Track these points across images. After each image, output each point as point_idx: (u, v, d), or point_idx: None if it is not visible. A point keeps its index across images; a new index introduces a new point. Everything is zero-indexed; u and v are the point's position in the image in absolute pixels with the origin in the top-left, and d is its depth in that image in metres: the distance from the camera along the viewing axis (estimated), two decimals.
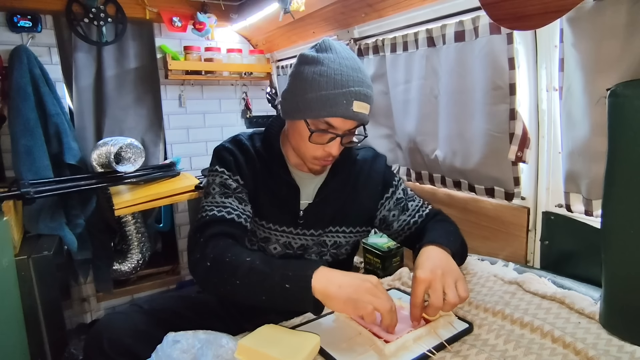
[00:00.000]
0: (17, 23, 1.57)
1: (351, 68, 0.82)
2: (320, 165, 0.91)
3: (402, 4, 1.20)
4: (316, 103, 0.81)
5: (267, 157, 0.96)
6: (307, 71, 0.83)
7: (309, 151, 0.88)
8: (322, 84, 0.81)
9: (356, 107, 0.81)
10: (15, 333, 1.15)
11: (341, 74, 0.81)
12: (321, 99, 0.80)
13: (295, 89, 0.85)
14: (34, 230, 1.45)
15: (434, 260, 0.75)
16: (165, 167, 1.79)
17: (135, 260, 1.81)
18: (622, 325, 0.66)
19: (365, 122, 0.86)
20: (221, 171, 0.91)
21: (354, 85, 0.81)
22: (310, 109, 0.82)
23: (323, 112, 0.81)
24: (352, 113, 0.81)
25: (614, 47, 0.70)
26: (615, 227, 0.65)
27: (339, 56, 0.83)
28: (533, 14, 0.71)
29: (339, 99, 0.80)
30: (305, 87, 0.83)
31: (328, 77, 0.80)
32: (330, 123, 0.83)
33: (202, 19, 1.85)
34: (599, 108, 0.73)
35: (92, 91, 1.81)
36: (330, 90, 0.80)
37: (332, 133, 0.84)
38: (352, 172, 0.98)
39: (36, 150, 1.47)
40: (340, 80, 0.80)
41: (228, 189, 0.90)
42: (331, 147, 0.86)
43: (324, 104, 0.80)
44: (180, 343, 0.64)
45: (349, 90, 0.80)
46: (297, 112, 0.85)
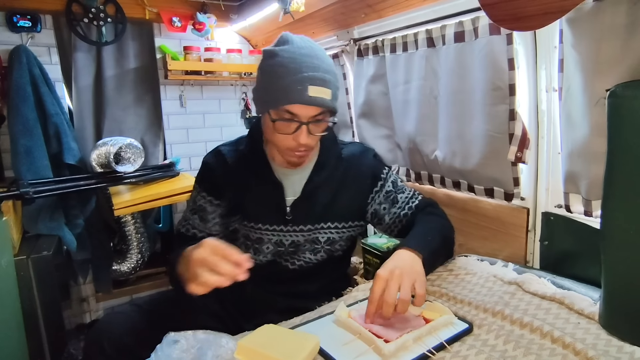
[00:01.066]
0: (16, 23, 1.57)
1: (306, 55, 0.84)
2: (296, 156, 0.92)
3: (402, 5, 1.20)
4: (274, 93, 0.84)
5: (252, 158, 0.98)
6: (265, 65, 0.87)
7: (281, 143, 0.90)
8: (278, 74, 0.83)
9: (312, 92, 0.82)
10: (15, 333, 1.15)
11: (294, 62, 0.83)
12: (278, 88, 0.83)
13: (258, 84, 0.90)
14: (33, 230, 1.44)
15: (396, 261, 0.79)
16: (165, 167, 1.79)
17: (135, 260, 1.80)
18: (622, 326, 0.66)
19: (328, 107, 0.87)
20: (196, 187, 1.01)
21: (308, 71, 0.82)
22: (270, 100, 0.85)
23: (281, 101, 0.83)
24: (307, 98, 0.82)
25: (614, 47, 0.70)
26: (614, 228, 0.65)
27: (294, 46, 0.85)
28: (533, 14, 0.71)
29: (294, 86, 0.82)
30: (265, 81, 0.87)
31: (283, 67, 0.83)
32: (291, 111, 0.84)
33: (202, 19, 1.85)
34: (599, 109, 0.74)
35: (91, 91, 1.81)
36: (285, 78, 0.82)
37: (295, 121, 0.86)
38: (338, 167, 0.99)
39: (35, 150, 1.47)
40: (294, 68, 0.82)
41: (196, 206, 0.99)
42: (299, 136, 0.86)
43: (281, 93, 0.83)
44: (180, 343, 0.64)
45: (303, 76, 0.82)
46: (262, 105, 0.89)
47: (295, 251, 0.98)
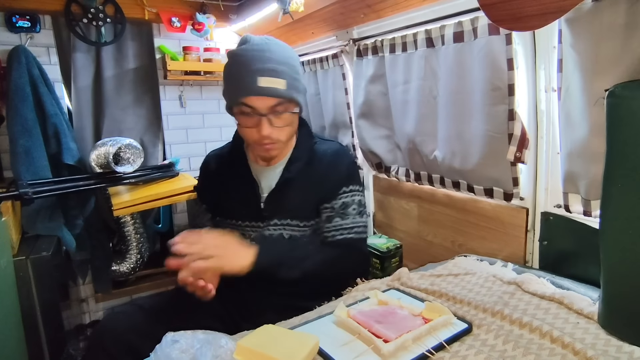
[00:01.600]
0: (15, 23, 1.57)
1: (259, 51, 0.89)
2: (264, 150, 0.96)
3: (401, 5, 1.20)
4: (232, 90, 0.91)
5: (233, 158, 1.05)
6: (226, 66, 0.95)
7: (248, 137, 0.95)
8: (233, 72, 0.90)
9: (262, 82, 0.87)
10: (14, 334, 1.15)
11: (246, 58, 0.89)
12: (233, 84, 0.90)
13: (224, 85, 0.97)
14: (32, 230, 1.44)
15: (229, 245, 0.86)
16: (164, 167, 1.78)
17: (134, 260, 1.80)
18: (621, 326, 0.66)
19: (283, 96, 0.90)
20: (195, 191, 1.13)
21: (258, 64, 0.87)
22: (230, 97, 0.92)
23: (237, 95, 0.89)
24: (258, 88, 0.87)
25: (613, 47, 0.70)
26: (613, 227, 0.65)
27: (250, 44, 0.90)
28: (532, 14, 0.71)
29: (245, 79, 0.87)
30: (225, 80, 0.95)
31: (238, 64, 0.90)
32: (247, 103, 0.89)
33: (201, 19, 1.85)
34: (598, 109, 0.74)
35: (90, 91, 1.81)
36: (239, 74, 0.88)
37: (255, 114, 0.90)
38: (312, 162, 1.02)
39: (35, 150, 1.47)
40: (245, 63, 0.88)
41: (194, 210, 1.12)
42: (261, 129, 0.91)
43: (235, 89, 0.90)
44: (179, 343, 0.64)
45: (253, 69, 0.87)
46: (227, 104, 0.95)
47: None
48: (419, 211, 1.39)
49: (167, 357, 0.61)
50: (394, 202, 1.50)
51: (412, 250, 1.41)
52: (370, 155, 1.51)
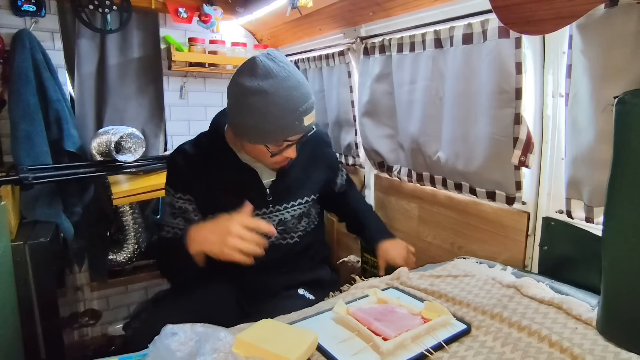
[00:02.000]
0: (20, 7, 1.55)
1: (294, 88, 0.87)
2: (279, 165, 1.00)
3: (411, 4, 1.19)
4: (273, 132, 0.88)
5: (216, 154, 1.02)
6: (253, 102, 0.86)
7: (268, 161, 0.96)
8: (274, 114, 0.86)
9: (306, 121, 0.90)
10: (9, 319, 1.14)
11: (287, 99, 0.86)
12: (277, 128, 0.88)
13: (244, 117, 0.88)
14: (31, 216, 1.44)
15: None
16: (165, 158, 1.78)
17: (131, 250, 1.79)
18: (620, 333, 0.66)
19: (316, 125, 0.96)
20: (168, 190, 1.02)
21: (301, 105, 0.88)
22: (268, 137, 0.90)
23: (281, 136, 0.90)
24: (304, 127, 0.90)
25: (623, 55, 0.70)
26: (616, 234, 0.65)
27: (279, 79, 0.86)
28: (544, 18, 0.70)
29: (293, 122, 0.88)
30: (259, 120, 0.87)
31: (276, 106, 0.85)
32: (290, 140, 0.92)
33: (208, 11, 1.84)
34: (605, 116, 0.74)
35: (93, 79, 1.80)
36: (282, 118, 0.87)
37: (289, 142, 0.93)
38: (305, 146, 1.07)
39: (35, 135, 1.46)
40: (289, 106, 0.86)
41: (175, 209, 1.01)
42: (290, 153, 0.95)
43: (280, 131, 0.88)
44: (178, 335, 0.64)
45: (299, 111, 0.88)
46: (254, 138, 0.91)
47: (285, 229, 1.05)
48: (419, 212, 1.39)
49: (166, 349, 0.61)
50: (395, 202, 1.50)
51: None
52: (373, 154, 1.50)
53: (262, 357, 0.62)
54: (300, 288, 1.06)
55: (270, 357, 0.62)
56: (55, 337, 1.32)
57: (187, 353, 0.61)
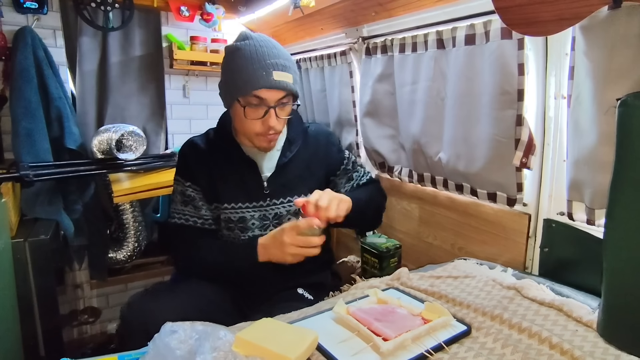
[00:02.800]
0: (23, 4, 1.55)
1: (266, 47, 0.94)
2: (266, 141, 1.00)
3: (414, 5, 1.19)
4: (241, 81, 0.91)
5: (222, 144, 1.06)
6: (229, 59, 0.96)
7: (250, 129, 0.97)
8: (242, 65, 0.91)
9: (276, 76, 0.91)
10: (9, 316, 1.14)
11: (257, 53, 0.92)
12: (243, 76, 0.91)
13: (223, 77, 0.98)
14: (31, 213, 1.43)
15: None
16: (166, 157, 1.78)
17: (131, 248, 1.79)
18: (620, 335, 0.66)
19: (292, 90, 0.96)
20: (178, 179, 1.06)
21: (270, 58, 0.92)
22: (238, 88, 0.92)
23: (248, 86, 0.91)
24: (273, 82, 0.91)
25: (626, 57, 0.70)
26: (618, 237, 0.65)
27: (254, 41, 0.94)
28: (547, 20, 0.70)
29: (259, 72, 0.90)
30: (229, 73, 0.94)
31: (246, 58, 0.91)
32: (258, 95, 0.92)
33: (210, 9, 1.84)
34: (608, 118, 0.73)
35: (95, 77, 1.80)
36: (250, 66, 0.91)
37: (264, 105, 0.94)
38: (308, 141, 1.11)
39: (37, 133, 1.46)
40: (257, 57, 0.91)
41: (186, 197, 1.05)
42: (268, 120, 0.95)
43: (247, 80, 0.91)
44: (178, 333, 0.63)
45: (266, 63, 0.91)
46: (229, 96, 0.96)
47: (278, 223, 1.05)
48: (420, 212, 1.39)
49: (166, 347, 0.61)
50: (395, 203, 1.50)
51: (411, 251, 1.41)
52: (374, 154, 1.50)
53: (262, 356, 0.62)
54: (300, 288, 1.06)
55: (270, 356, 0.62)
56: (54, 335, 1.32)
57: (187, 351, 0.60)
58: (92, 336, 1.94)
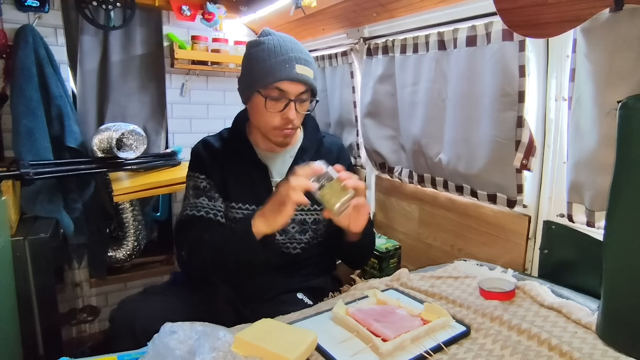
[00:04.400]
0: (24, 2, 1.55)
1: (289, 41, 0.96)
2: (283, 135, 1.00)
3: (415, 6, 1.19)
4: (263, 73, 0.92)
5: (235, 144, 1.06)
6: (251, 52, 0.97)
7: (268, 122, 0.97)
8: (264, 57, 0.93)
9: (299, 69, 0.92)
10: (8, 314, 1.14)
11: (280, 46, 0.94)
12: (266, 67, 0.92)
13: (244, 70, 0.99)
14: (31, 211, 1.43)
15: None
16: (166, 156, 1.78)
17: (131, 247, 1.79)
18: (619, 337, 0.66)
19: (312, 85, 0.97)
20: (192, 175, 1.05)
21: (293, 52, 0.94)
22: (259, 80, 0.93)
23: (270, 78, 0.92)
24: (296, 75, 0.92)
25: (628, 59, 0.70)
26: (618, 239, 0.65)
27: (277, 36, 0.97)
28: (549, 22, 0.71)
29: (282, 64, 0.92)
30: (251, 65, 0.95)
31: (269, 50, 0.93)
32: (280, 88, 0.93)
33: (212, 9, 1.84)
34: (609, 120, 0.74)
35: (96, 75, 1.80)
36: (273, 58, 0.92)
37: (284, 98, 0.94)
38: (320, 151, 1.10)
39: (37, 131, 1.46)
40: (280, 51, 0.93)
41: (198, 189, 1.03)
42: (288, 113, 0.95)
43: (269, 72, 0.92)
44: (177, 334, 0.63)
45: (289, 56, 0.93)
46: (250, 88, 0.96)
47: (284, 231, 1.04)
48: (419, 213, 1.39)
49: (165, 347, 0.61)
50: (395, 203, 1.50)
51: (411, 252, 1.41)
52: (374, 154, 1.50)
53: (261, 356, 0.62)
54: (299, 292, 1.04)
55: (270, 356, 0.62)
56: (53, 333, 1.32)
57: (186, 351, 0.60)
58: (91, 335, 1.93)
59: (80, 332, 1.92)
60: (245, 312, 1.01)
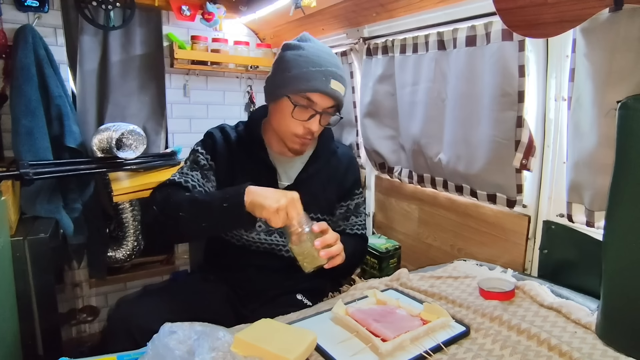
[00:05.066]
0: (24, 2, 1.55)
1: (328, 54, 0.95)
2: (300, 143, 1.00)
3: (415, 6, 1.19)
4: (297, 79, 0.91)
5: (248, 141, 1.05)
6: (288, 54, 0.95)
7: (289, 128, 0.97)
8: (302, 63, 0.92)
9: (333, 85, 0.92)
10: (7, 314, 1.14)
11: (319, 57, 0.93)
12: (302, 75, 0.91)
13: (278, 70, 0.97)
14: (31, 212, 1.43)
15: None
16: (166, 156, 1.78)
17: (131, 247, 1.79)
18: (619, 337, 0.66)
19: (341, 103, 0.97)
20: (196, 149, 1.03)
21: (331, 66, 0.93)
22: (292, 85, 0.92)
23: (303, 86, 0.91)
24: (330, 90, 0.92)
25: (627, 59, 0.70)
26: (617, 239, 0.65)
27: (317, 45, 0.96)
28: (548, 22, 0.71)
29: (318, 75, 0.91)
30: (287, 67, 0.94)
31: (308, 58, 0.92)
32: (311, 98, 0.93)
33: (212, 9, 1.84)
34: (608, 120, 0.74)
35: (96, 75, 1.79)
36: (310, 68, 0.91)
37: (312, 109, 0.94)
38: (331, 162, 1.10)
39: (37, 131, 1.45)
40: (319, 61, 0.92)
41: (197, 164, 1.00)
42: (311, 124, 0.95)
43: (304, 80, 0.91)
44: (177, 334, 0.63)
45: (327, 69, 0.92)
46: (279, 89, 0.95)
47: (283, 234, 1.04)
48: (419, 213, 1.39)
49: (165, 347, 0.61)
50: (395, 203, 1.50)
51: (410, 252, 1.41)
52: (374, 154, 1.50)
53: (261, 356, 0.62)
54: (299, 294, 1.05)
55: (269, 356, 0.62)
56: (53, 333, 1.32)
57: (186, 351, 0.60)
58: (90, 335, 1.93)
59: (80, 333, 1.92)
60: (244, 313, 1.00)
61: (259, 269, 1.02)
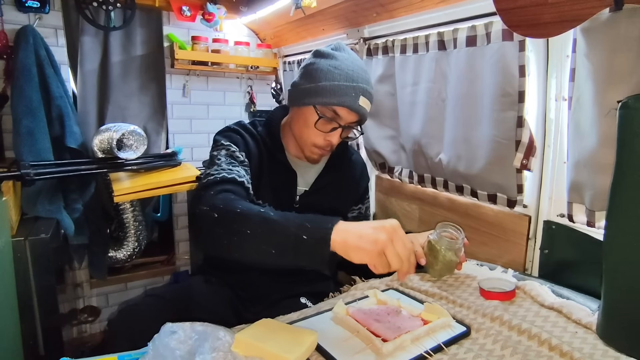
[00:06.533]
0: (25, 3, 1.55)
1: (361, 68, 0.94)
2: (319, 154, 0.98)
3: (415, 6, 1.19)
4: (328, 91, 0.89)
5: (269, 141, 1.03)
6: (322, 63, 0.93)
7: (310, 138, 0.95)
8: (335, 75, 0.90)
9: (362, 101, 0.91)
10: (8, 314, 1.14)
11: (353, 71, 0.91)
12: (333, 88, 0.89)
13: (308, 77, 0.94)
14: (32, 212, 1.43)
15: None
16: (167, 156, 1.78)
17: (131, 248, 1.80)
18: (620, 337, 0.66)
19: (365, 119, 0.96)
20: (227, 144, 0.94)
21: (363, 83, 0.92)
22: (321, 96, 0.90)
23: (333, 99, 0.89)
24: (357, 106, 0.91)
25: (628, 59, 0.70)
26: (618, 239, 0.65)
27: (351, 56, 0.95)
28: (548, 22, 0.71)
29: (349, 91, 0.90)
30: (319, 76, 0.91)
31: (341, 71, 0.90)
32: (337, 112, 0.91)
33: (212, 9, 1.84)
34: (609, 120, 0.73)
35: (96, 76, 1.80)
36: (342, 82, 0.90)
37: (336, 122, 0.92)
38: (346, 169, 1.10)
39: (38, 131, 1.46)
40: (352, 76, 0.91)
41: (235, 159, 0.93)
42: (332, 137, 0.94)
43: (334, 93, 0.89)
44: (177, 334, 0.63)
45: (359, 86, 0.91)
46: (307, 97, 0.93)
47: None
48: (420, 213, 1.39)
49: (165, 347, 0.61)
50: (396, 203, 1.50)
51: None
52: (375, 154, 1.50)
53: (261, 356, 0.62)
54: (303, 297, 1.04)
55: (270, 356, 0.62)
56: (54, 334, 1.32)
57: (187, 351, 0.60)
58: (91, 335, 1.94)
59: (81, 333, 1.92)
60: (247, 316, 0.99)
61: (262, 271, 1.01)
